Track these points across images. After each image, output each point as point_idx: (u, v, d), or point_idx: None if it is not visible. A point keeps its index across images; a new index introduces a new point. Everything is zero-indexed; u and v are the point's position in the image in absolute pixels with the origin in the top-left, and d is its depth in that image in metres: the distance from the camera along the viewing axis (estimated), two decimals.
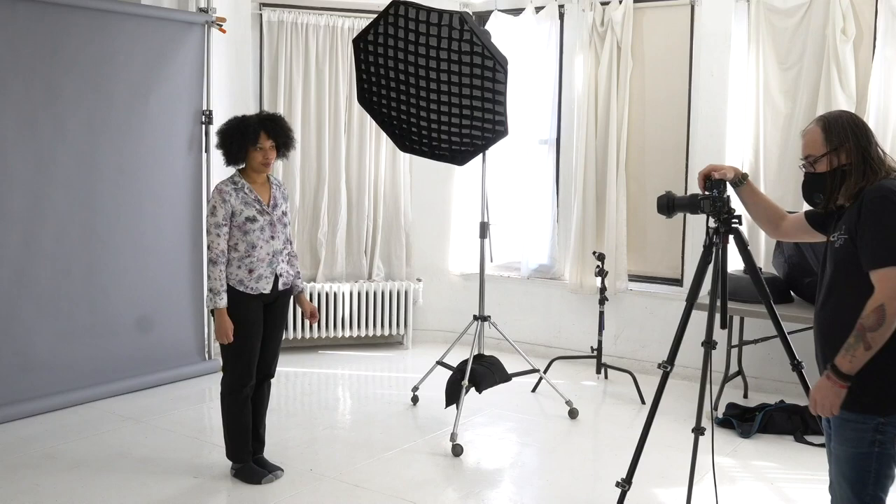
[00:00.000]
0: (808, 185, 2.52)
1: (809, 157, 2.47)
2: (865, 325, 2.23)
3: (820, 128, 2.47)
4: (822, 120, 2.49)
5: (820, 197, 2.48)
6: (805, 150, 2.50)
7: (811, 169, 2.48)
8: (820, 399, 2.32)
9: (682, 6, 5.72)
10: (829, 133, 2.45)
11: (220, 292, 3.72)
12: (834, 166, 2.42)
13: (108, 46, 5.12)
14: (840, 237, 2.41)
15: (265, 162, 3.77)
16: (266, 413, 4.05)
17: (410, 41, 4.52)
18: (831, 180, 2.44)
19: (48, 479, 3.91)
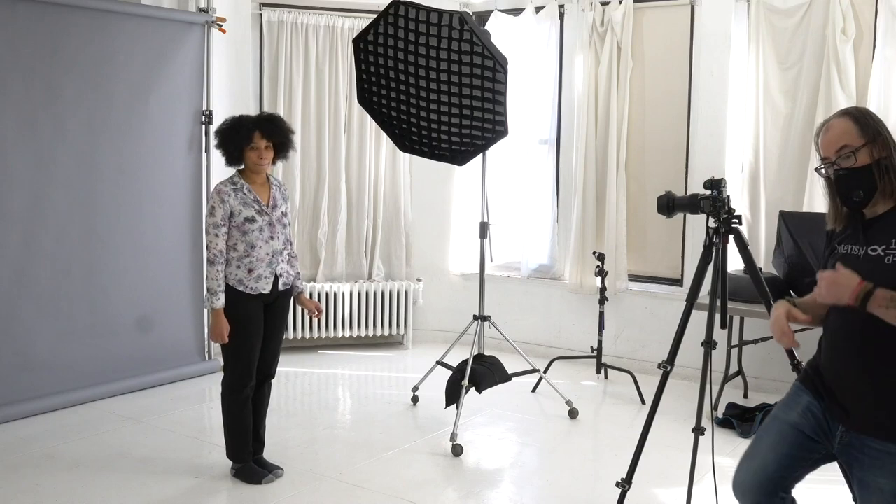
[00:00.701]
0: (846, 180, 2.20)
1: (846, 149, 2.18)
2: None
3: (851, 119, 2.22)
4: (850, 112, 2.26)
5: (860, 194, 2.18)
6: (837, 141, 2.20)
7: (850, 162, 2.18)
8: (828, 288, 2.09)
9: (682, 6, 5.72)
10: (863, 124, 2.21)
11: (217, 293, 3.72)
12: (875, 158, 2.17)
13: (108, 46, 5.12)
14: (891, 252, 2.13)
15: (260, 161, 3.77)
16: (266, 414, 4.04)
17: (410, 41, 4.52)
18: (878, 173, 2.16)
19: (48, 479, 3.91)
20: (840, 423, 2.23)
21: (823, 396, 2.28)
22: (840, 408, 2.22)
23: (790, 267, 4.83)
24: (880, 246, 2.15)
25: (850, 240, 2.26)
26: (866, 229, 2.22)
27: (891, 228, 2.16)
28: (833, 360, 2.23)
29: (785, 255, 4.85)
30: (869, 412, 2.16)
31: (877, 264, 2.14)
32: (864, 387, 2.17)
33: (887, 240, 2.15)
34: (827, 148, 2.22)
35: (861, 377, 2.17)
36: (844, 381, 2.21)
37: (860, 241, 2.22)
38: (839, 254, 2.27)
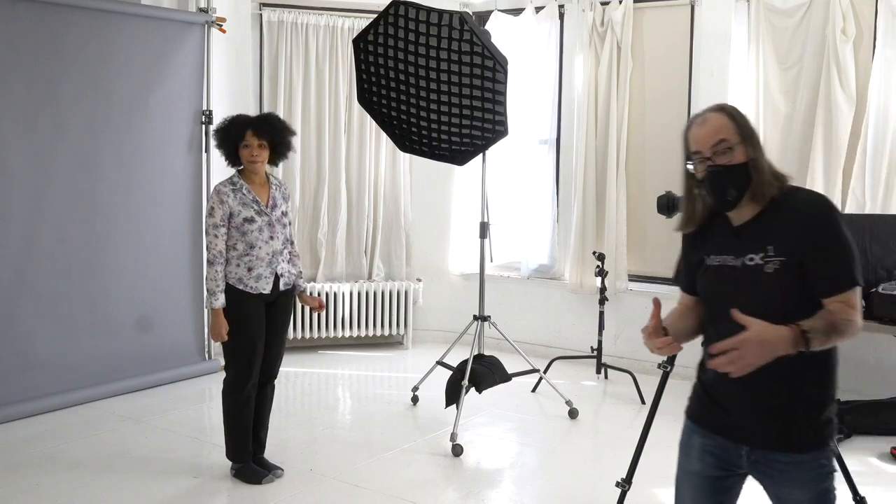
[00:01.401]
0: (722, 178, 2.03)
1: (723, 144, 2.03)
2: (839, 327, 1.92)
3: (726, 115, 2.09)
4: (725, 108, 2.13)
5: (734, 193, 2.03)
6: (715, 134, 2.05)
7: (727, 159, 2.03)
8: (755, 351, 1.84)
9: (682, 6, 5.72)
10: (739, 121, 2.08)
11: (217, 293, 3.73)
12: (750, 157, 2.04)
13: (108, 46, 5.12)
14: (770, 260, 1.99)
15: (252, 159, 3.76)
16: (268, 416, 4.03)
17: (410, 41, 4.52)
18: (754, 173, 2.03)
19: (48, 479, 3.91)
20: (743, 443, 2.09)
21: (716, 426, 2.13)
22: (738, 428, 2.08)
23: None
24: (757, 254, 2.01)
25: (722, 249, 2.09)
26: (738, 236, 2.07)
27: (764, 234, 2.02)
28: (725, 377, 1.94)
29: None
30: (769, 426, 2.03)
31: (757, 275, 2.01)
32: (761, 400, 2.03)
33: (762, 246, 2.01)
34: (702, 141, 2.07)
35: (757, 391, 2.00)
36: (740, 397, 2.05)
37: (734, 251, 2.06)
38: (712, 266, 2.11)
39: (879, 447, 4.36)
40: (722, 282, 2.08)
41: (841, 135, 5.07)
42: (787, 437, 2.02)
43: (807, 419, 2.02)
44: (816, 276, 1.96)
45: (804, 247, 1.96)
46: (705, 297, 2.16)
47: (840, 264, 1.97)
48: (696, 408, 2.22)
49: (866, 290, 4.49)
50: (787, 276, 1.97)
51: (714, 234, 2.14)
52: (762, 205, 2.05)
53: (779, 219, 2.02)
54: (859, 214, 4.96)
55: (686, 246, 2.24)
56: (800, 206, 2.02)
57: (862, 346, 5.08)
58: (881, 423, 4.56)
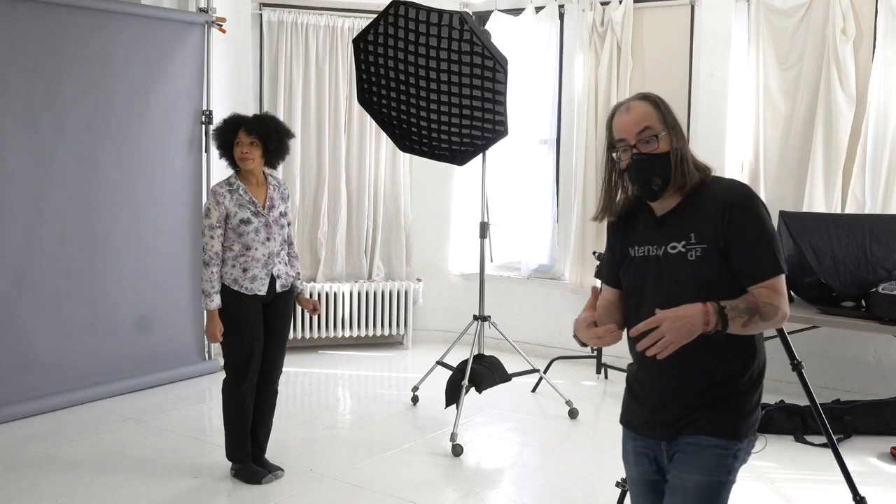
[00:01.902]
0: (646, 166, 2.02)
1: (648, 132, 2.02)
2: (762, 309, 1.92)
3: (651, 104, 2.06)
4: (650, 97, 2.08)
5: (658, 182, 2.01)
6: (640, 122, 2.03)
7: (652, 147, 2.02)
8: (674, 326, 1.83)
9: (682, 6, 5.72)
10: (663, 110, 2.06)
11: (212, 294, 3.72)
12: (674, 146, 2.03)
13: (108, 46, 5.12)
14: (693, 247, 1.98)
15: (242, 157, 3.74)
16: (269, 420, 4.00)
17: (410, 41, 4.52)
18: (679, 162, 2.02)
19: (48, 479, 3.91)
20: (663, 440, 2.07)
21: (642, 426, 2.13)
22: (659, 425, 2.07)
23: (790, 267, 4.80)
24: (679, 242, 2.01)
25: (646, 240, 2.09)
26: (660, 226, 2.07)
27: (686, 222, 2.02)
28: (646, 366, 2.01)
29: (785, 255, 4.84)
30: (686, 416, 2.01)
31: (680, 262, 2.00)
32: (679, 392, 2.02)
33: (685, 234, 2.00)
34: (626, 129, 2.04)
35: (675, 382, 2.01)
36: (660, 390, 2.05)
37: (657, 240, 2.06)
38: (636, 258, 2.10)
39: (879, 447, 4.36)
40: (646, 272, 2.06)
41: (841, 135, 5.07)
42: (698, 421, 2.00)
43: (723, 407, 2.00)
44: (739, 263, 1.96)
45: (726, 234, 1.96)
46: (630, 289, 2.13)
47: (762, 251, 1.97)
48: (625, 411, 2.23)
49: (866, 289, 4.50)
50: (711, 263, 1.97)
51: (638, 225, 2.13)
52: (685, 195, 2.05)
53: (701, 207, 2.01)
54: (859, 214, 4.96)
55: (611, 238, 2.23)
56: (721, 193, 2.01)
57: (862, 346, 5.09)
58: (881, 423, 4.56)
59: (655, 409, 2.07)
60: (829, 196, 5.15)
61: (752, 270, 1.96)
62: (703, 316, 1.85)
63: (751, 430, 2.03)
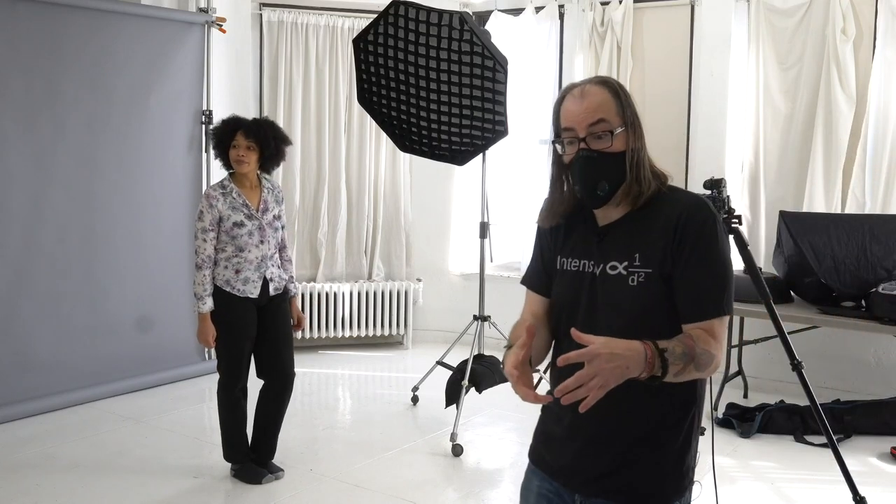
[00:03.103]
0: (595, 166, 1.68)
1: (602, 125, 1.68)
2: (697, 358, 1.60)
3: (610, 92, 1.70)
4: (609, 83, 1.72)
5: (605, 188, 1.69)
6: (595, 112, 1.67)
7: (604, 144, 1.68)
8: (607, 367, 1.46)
9: (682, 6, 5.72)
10: (623, 102, 1.71)
11: (204, 297, 3.72)
12: (631, 147, 1.71)
13: (108, 46, 5.12)
14: (636, 271, 1.67)
15: (238, 160, 3.73)
16: (277, 421, 3.96)
17: (410, 41, 4.52)
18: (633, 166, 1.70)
19: (48, 479, 3.91)
20: (576, 491, 1.78)
21: (553, 468, 1.83)
22: (573, 472, 1.78)
23: (790, 267, 4.83)
24: (620, 262, 1.69)
25: (581, 253, 1.77)
26: (601, 240, 1.74)
27: (631, 239, 1.70)
28: (567, 412, 1.64)
29: (785, 255, 4.86)
30: (607, 472, 1.73)
31: (619, 286, 1.68)
32: (600, 440, 1.72)
33: (629, 254, 1.69)
34: (577, 118, 1.68)
35: (598, 428, 1.70)
36: (577, 434, 1.74)
37: (595, 256, 1.74)
38: (568, 271, 1.78)
39: (879, 447, 4.36)
40: (580, 290, 1.74)
41: (841, 135, 5.07)
42: (625, 486, 1.71)
43: (653, 467, 1.71)
44: (682, 297, 1.66)
45: (674, 259, 1.65)
46: (558, 308, 1.82)
47: (709, 288, 1.66)
48: (536, 444, 1.90)
49: (866, 289, 4.50)
50: (653, 291, 1.66)
51: (574, 233, 1.81)
52: (633, 205, 1.72)
53: (650, 223, 1.70)
54: (859, 214, 4.96)
55: (542, 242, 1.89)
56: (677, 211, 1.68)
57: (862, 346, 5.09)
58: (881, 423, 4.56)
59: (577, 456, 1.75)
60: (829, 196, 5.15)
61: (694, 308, 1.65)
62: (643, 359, 1.51)
63: (686, 490, 1.76)
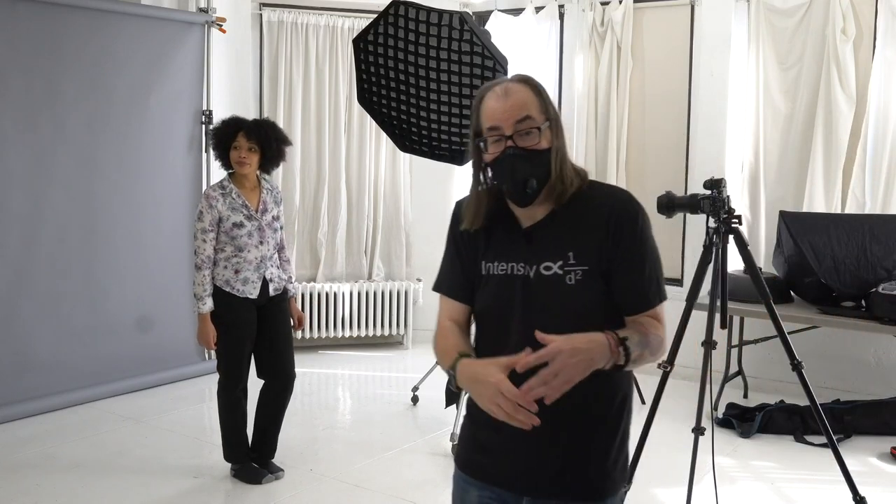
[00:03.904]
0: (522, 163, 1.65)
1: (528, 122, 1.66)
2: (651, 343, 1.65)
3: (532, 89, 1.69)
4: (530, 82, 1.71)
5: (534, 185, 1.67)
6: (520, 110, 1.66)
7: (531, 142, 1.66)
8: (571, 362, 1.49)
9: (682, 6, 5.72)
10: (545, 100, 1.70)
11: (204, 298, 3.72)
12: (554, 145, 1.69)
13: (108, 46, 5.12)
14: (572, 269, 1.66)
15: (240, 161, 3.73)
16: (277, 421, 3.96)
17: (410, 41, 4.52)
18: (557, 163, 1.69)
19: (48, 479, 3.91)
20: (524, 494, 1.75)
21: (493, 475, 1.78)
22: (518, 476, 1.75)
23: (790, 267, 4.83)
24: (555, 262, 1.67)
25: (508, 256, 1.72)
26: (530, 241, 1.72)
27: (562, 237, 1.69)
28: None
29: (785, 255, 4.86)
30: (552, 471, 1.71)
31: (556, 286, 1.66)
32: (543, 440, 1.67)
33: (562, 253, 1.67)
34: (502, 116, 1.66)
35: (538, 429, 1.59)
36: (518, 437, 1.63)
37: (525, 258, 1.70)
38: (494, 275, 1.73)
39: (879, 447, 4.36)
40: (512, 295, 1.70)
41: (841, 135, 5.07)
42: (573, 483, 1.72)
43: (596, 463, 1.72)
44: (624, 290, 1.67)
45: (611, 256, 1.67)
46: (489, 314, 1.76)
47: (650, 278, 1.70)
48: (468, 454, 1.85)
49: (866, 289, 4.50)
50: (592, 287, 1.66)
51: (496, 235, 1.76)
52: (557, 203, 1.71)
53: (578, 219, 1.70)
54: (859, 214, 4.96)
55: (459, 246, 1.81)
56: (603, 204, 1.70)
57: (862, 346, 5.09)
58: (881, 423, 4.56)
59: (523, 461, 1.72)
60: (829, 196, 5.15)
61: (639, 300, 1.68)
62: (607, 350, 1.54)
63: (626, 477, 1.79)
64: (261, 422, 3.95)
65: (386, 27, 4.52)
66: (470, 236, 1.78)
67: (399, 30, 4.50)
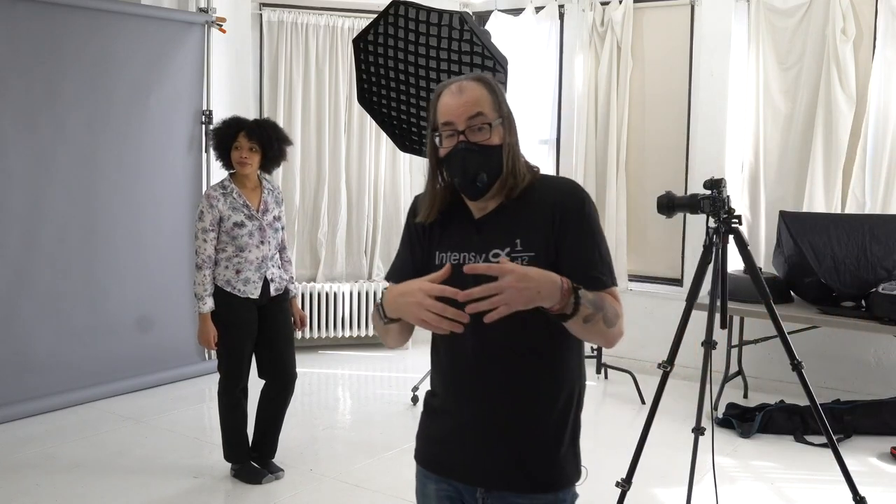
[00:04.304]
0: (474, 158, 1.71)
1: (480, 118, 1.72)
2: (606, 311, 1.66)
3: (485, 87, 1.76)
4: (484, 80, 1.78)
5: (484, 179, 1.72)
6: (473, 106, 1.72)
7: (483, 137, 1.72)
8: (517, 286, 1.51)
9: (682, 6, 5.72)
10: (498, 98, 1.77)
11: (205, 297, 3.72)
12: (506, 140, 1.76)
13: (108, 46, 5.12)
14: (519, 256, 1.71)
15: (241, 161, 3.74)
16: (277, 421, 3.96)
17: (410, 41, 4.52)
18: (509, 159, 1.75)
19: (48, 479, 3.91)
20: (477, 485, 1.78)
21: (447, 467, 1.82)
22: (470, 467, 1.77)
23: (790, 267, 4.83)
24: (503, 249, 1.72)
25: (461, 246, 1.78)
26: (479, 231, 1.77)
27: (510, 226, 1.74)
28: (459, 397, 1.76)
29: (785, 255, 4.86)
30: (503, 462, 1.74)
31: None
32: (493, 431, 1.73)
33: (510, 241, 1.73)
34: (456, 112, 1.72)
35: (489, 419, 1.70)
36: (470, 427, 1.73)
37: (475, 247, 1.76)
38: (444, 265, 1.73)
39: (879, 447, 4.37)
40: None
41: (841, 135, 5.07)
42: (523, 474, 1.74)
43: (547, 454, 1.75)
44: (574, 274, 1.66)
45: (557, 242, 1.72)
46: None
47: (600, 263, 1.74)
48: (425, 448, 1.89)
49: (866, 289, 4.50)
50: None
51: (450, 227, 1.82)
52: (508, 197, 1.77)
53: (526, 210, 1.75)
54: (859, 214, 4.96)
55: (413, 238, 1.87)
56: (550, 193, 1.76)
57: (862, 346, 5.09)
58: (881, 423, 4.56)
59: (475, 451, 1.74)
60: (829, 196, 5.15)
61: (590, 281, 1.69)
62: (557, 289, 1.55)
63: (578, 468, 1.81)
64: (261, 422, 3.95)
65: (386, 27, 4.53)
66: (424, 229, 1.84)
67: (399, 30, 4.50)
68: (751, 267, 3.25)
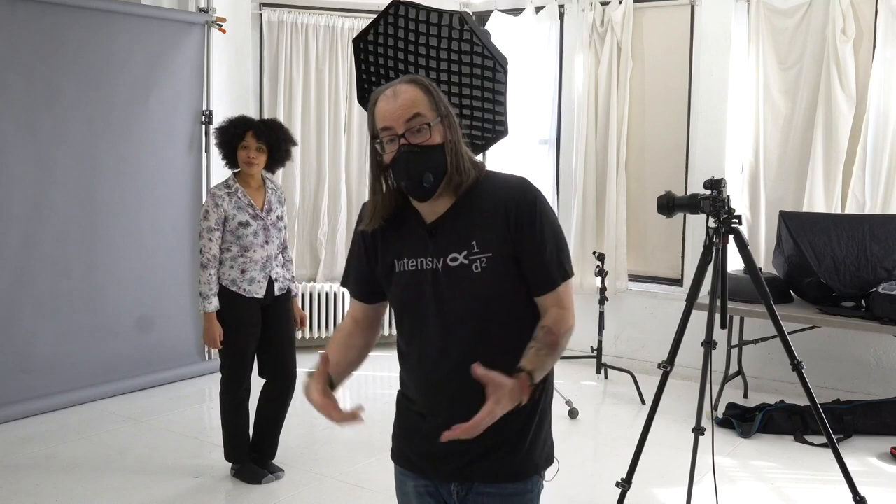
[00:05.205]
0: (417, 159, 1.71)
1: (419, 119, 1.72)
2: (561, 341, 1.77)
3: (421, 88, 1.75)
4: (418, 81, 1.78)
5: (430, 179, 1.72)
6: (409, 108, 1.72)
7: (423, 138, 1.72)
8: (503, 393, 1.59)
9: (682, 6, 5.72)
10: (434, 97, 1.77)
11: (210, 297, 3.72)
12: (447, 138, 1.76)
13: (108, 46, 5.12)
14: (477, 258, 1.73)
15: (248, 161, 3.75)
16: (278, 421, 3.96)
17: (410, 41, 4.51)
18: (453, 156, 1.76)
19: (48, 479, 3.91)
20: (452, 481, 1.82)
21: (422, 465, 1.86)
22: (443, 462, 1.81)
23: (790, 267, 4.83)
24: (460, 252, 1.74)
25: (416, 251, 1.78)
26: (433, 235, 1.78)
27: (464, 228, 1.75)
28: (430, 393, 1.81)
29: (785, 255, 4.86)
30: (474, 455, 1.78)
31: (463, 276, 1.74)
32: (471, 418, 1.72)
33: (465, 243, 1.74)
34: (393, 116, 1.72)
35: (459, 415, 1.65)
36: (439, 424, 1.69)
37: (431, 252, 1.77)
38: (405, 272, 1.80)
39: (879, 447, 4.37)
40: (422, 288, 1.77)
41: (841, 135, 5.07)
42: (489, 465, 1.79)
43: (513, 444, 1.79)
44: (530, 272, 1.74)
45: (515, 241, 1.73)
46: (403, 310, 1.84)
47: (553, 257, 1.75)
48: (399, 445, 1.93)
49: (866, 289, 4.50)
50: (498, 273, 1.73)
51: (402, 233, 1.82)
52: (457, 196, 1.78)
53: (478, 209, 1.76)
54: (859, 214, 4.96)
55: (365, 247, 1.87)
56: (500, 192, 1.77)
57: (862, 346, 5.09)
58: (881, 423, 4.56)
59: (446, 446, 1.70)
60: (829, 196, 5.15)
61: (542, 279, 1.75)
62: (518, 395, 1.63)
63: (549, 456, 1.88)
64: (262, 422, 3.95)
65: (386, 27, 4.52)
66: (374, 236, 1.85)
67: (399, 30, 4.50)
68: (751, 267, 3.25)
